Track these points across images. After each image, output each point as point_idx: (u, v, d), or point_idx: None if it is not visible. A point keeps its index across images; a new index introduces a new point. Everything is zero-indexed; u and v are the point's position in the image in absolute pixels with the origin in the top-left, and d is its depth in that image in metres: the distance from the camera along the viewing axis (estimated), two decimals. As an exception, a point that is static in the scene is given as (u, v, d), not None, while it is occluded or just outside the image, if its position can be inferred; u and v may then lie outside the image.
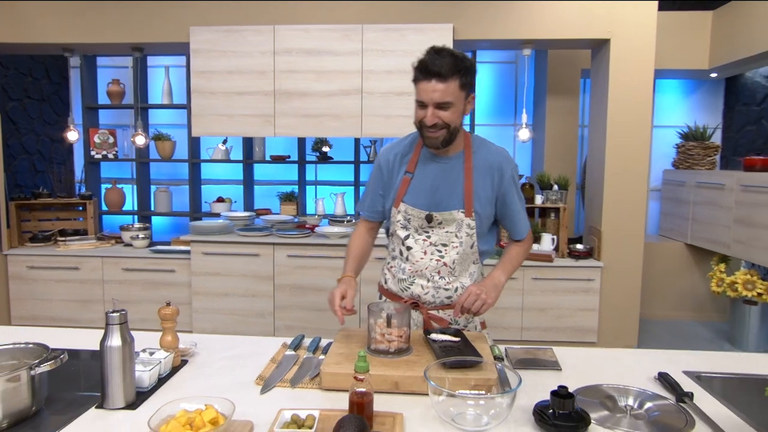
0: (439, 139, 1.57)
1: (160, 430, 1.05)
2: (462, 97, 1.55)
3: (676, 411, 1.27)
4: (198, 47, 3.54)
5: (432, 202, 1.67)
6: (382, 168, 1.74)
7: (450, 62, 1.49)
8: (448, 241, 1.68)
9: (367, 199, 1.80)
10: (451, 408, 1.21)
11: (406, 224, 1.69)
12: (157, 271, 3.63)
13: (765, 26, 3.63)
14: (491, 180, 1.67)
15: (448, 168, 1.67)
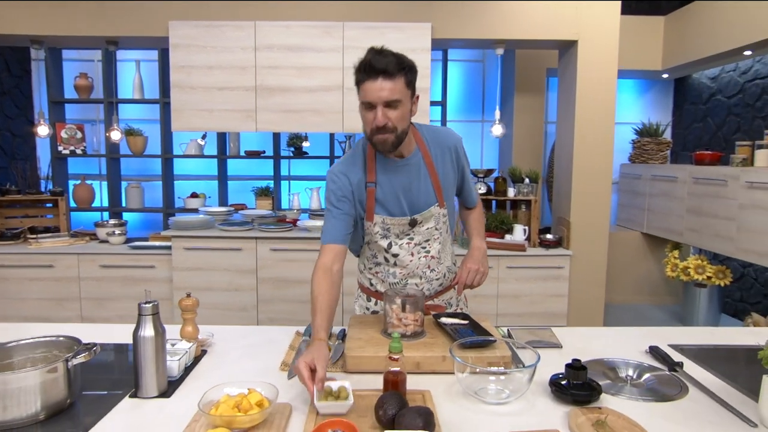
0: (388, 141, 1.49)
1: (211, 412, 1.08)
2: (408, 96, 1.50)
3: (670, 379, 1.39)
4: (177, 42, 3.47)
5: (406, 205, 1.63)
6: (337, 180, 1.61)
7: (394, 60, 1.45)
8: (430, 236, 1.69)
9: (328, 227, 1.60)
10: (474, 383, 1.29)
11: (385, 233, 1.66)
12: (136, 267, 3.55)
13: (712, 31, 3.89)
14: (450, 162, 1.68)
15: (409, 169, 1.62)
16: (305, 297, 3.51)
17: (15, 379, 1.11)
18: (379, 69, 1.42)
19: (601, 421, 1.13)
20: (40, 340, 1.26)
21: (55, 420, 1.15)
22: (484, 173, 3.98)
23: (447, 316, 1.63)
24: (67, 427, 1.13)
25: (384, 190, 1.62)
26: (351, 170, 1.62)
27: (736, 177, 3.50)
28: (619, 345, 1.63)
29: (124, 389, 1.29)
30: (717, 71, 4.43)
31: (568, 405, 1.23)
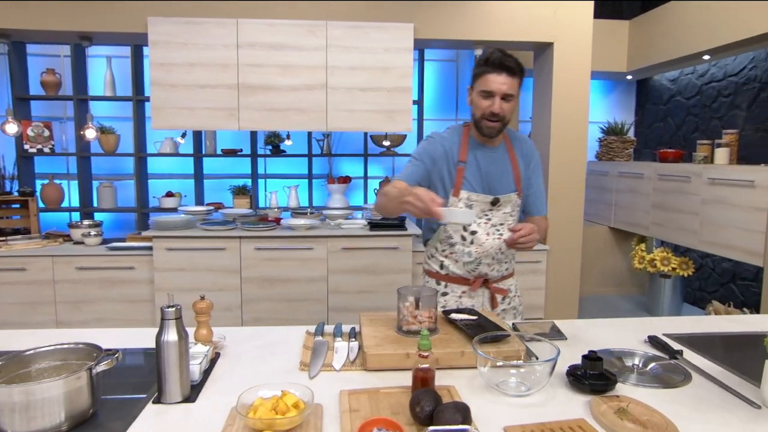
0: (495, 128, 1.75)
1: (249, 415, 1.06)
2: (518, 95, 1.77)
3: (674, 367, 1.45)
4: (157, 38, 3.35)
5: (489, 187, 1.83)
6: (437, 145, 1.82)
7: (515, 63, 1.71)
8: (504, 221, 1.86)
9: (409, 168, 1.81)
10: (494, 377, 1.31)
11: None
12: (114, 269, 3.42)
13: (673, 36, 4.07)
14: (526, 164, 1.90)
15: (496, 156, 1.85)
16: (290, 296, 3.47)
17: (39, 389, 1.05)
18: (506, 66, 1.68)
19: (623, 409, 1.17)
20: (58, 348, 1.21)
21: (79, 430, 1.11)
22: (462, 171, 4.03)
23: (456, 312, 1.66)
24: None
25: (472, 169, 1.82)
26: (449, 143, 1.83)
27: (698, 174, 3.68)
28: (620, 335, 1.69)
29: (145, 395, 1.25)
30: (676, 74, 4.64)
31: (586, 395, 1.27)
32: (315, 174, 4.66)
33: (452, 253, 1.90)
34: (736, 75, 3.97)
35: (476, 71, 1.75)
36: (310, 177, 4.56)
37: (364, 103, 3.51)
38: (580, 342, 1.63)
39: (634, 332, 1.71)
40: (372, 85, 3.48)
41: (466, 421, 1.05)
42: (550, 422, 1.14)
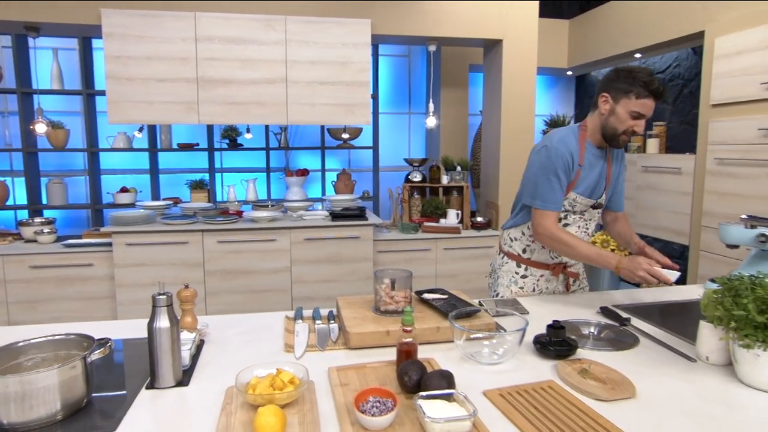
0: (624, 144, 1.84)
1: (248, 391, 1.10)
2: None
3: (624, 332, 1.60)
4: (111, 31, 3.23)
5: (593, 190, 1.89)
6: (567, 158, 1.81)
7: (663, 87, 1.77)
8: (592, 218, 1.97)
9: (551, 196, 1.82)
10: (469, 348, 1.41)
11: (570, 208, 1.90)
12: (71, 267, 3.29)
13: (608, 36, 4.32)
14: (617, 165, 1.97)
15: (602, 162, 1.91)
16: (253, 287, 3.46)
17: (35, 379, 1.05)
18: (659, 94, 1.73)
19: (585, 369, 1.29)
20: (49, 339, 1.19)
21: (73, 419, 1.10)
22: (419, 162, 4.13)
23: (428, 293, 1.74)
24: (88, 426, 1.08)
25: (585, 173, 1.87)
26: (573, 148, 1.85)
27: (633, 162, 3.94)
28: (574, 308, 1.83)
29: (136, 383, 1.26)
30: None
31: (552, 359, 1.38)
32: (273, 167, 4.63)
33: (536, 240, 1.96)
34: (662, 72, 4.27)
35: (633, 91, 1.72)
36: (268, 170, 4.53)
37: (324, 97, 3.54)
38: (540, 315, 1.75)
39: (587, 305, 1.86)
40: (331, 79, 3.51)
41: (450, 387, 1.13)
42: (524, 384, 1.24)
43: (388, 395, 1.08)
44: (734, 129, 3.05)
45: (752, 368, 1.22)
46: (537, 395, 1.19)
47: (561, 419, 1.08)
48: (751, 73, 2.93)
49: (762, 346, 1.19)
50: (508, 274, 2.07)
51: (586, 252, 1.79)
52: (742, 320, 1.22)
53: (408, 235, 3.80)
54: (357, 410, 1.03)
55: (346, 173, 4.55)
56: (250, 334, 1.59)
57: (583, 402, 1.15)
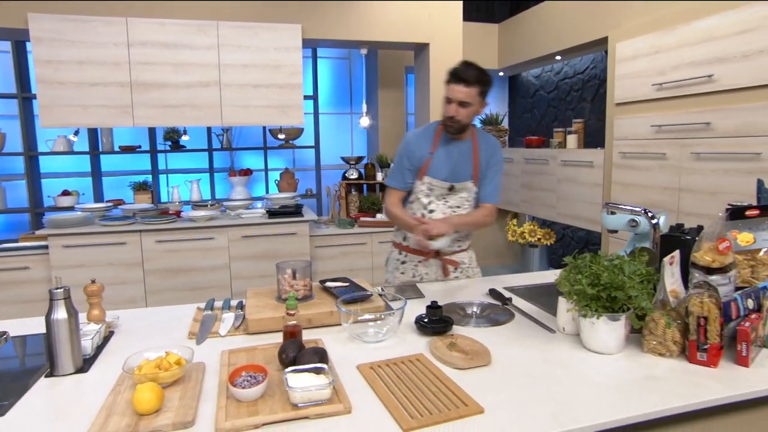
0: (453, 128, 1.98)
1: (135, 372, 1.18)
2: (478, 102, 1.95)
3: (503, 310, 1.75)
4: (40, 35, 3.20)
5: (451, 175, 2.05)
6: (411, 145, 2.06)
7: (475, 74, 1.90)
8: (460, 204, 2.10)
9: (398, 175, 2.11)
10: (357, 329, 1.53)
11: (429, 192, 2.07)
12: (7, 270, 3.26)
13: (531, 39, 4.53)
14: (486, 159, 2.10)
15: (461, 150, 2.06)
16: (193, 284, 3.50)
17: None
18: (461, 77, 1.89)
19: (452, 343, 1.43)
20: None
21: (-29, 405, 1.16)
22: (355, 160, 4.24)
23: (331, 281, 1.85)
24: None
25: (438, 159, 2.05)
26: (421, 138, 2.07)
27: (554, 157, 4.16)
28: (469, 291, 1.98)
29: (36, 373, 1.32)
30: (539, 71, 5.15)
31: (429, 336, 1.52)
32: (217, 168, 4.66)
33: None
34: (582, 73, 4.51)
35: (445, 80, 1.95)
36: (211, 171, 4.56)
37: (257, 99, 3.60)
38: (434, 298, 1.88)
39: (482, 287, 2.01)
40: (264, 81, 3.58)
41: (323, 361, 1.25)
42: (396, 358, 1.37)
43: (260, 370, 1.18)
44: (633, 126, 3.28)
45: (590, 335, 1.38)
46: (404, 366, 1.31)
47: (417, 385, 1.21)
48: (644, 76, 3.17)
49: (595, 314, 1.35)
50: (393, 262, 2.25)
51: (401, 222, 2.08)
52: (580, 293, 1.38)
53: (344, 230, 3.91)
54: (230, 384, 1.13)
55: (288, 172, 4.62)
56: (160, 325, 1.67)
57: (441, 371, 1.29)
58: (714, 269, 1.41)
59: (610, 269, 1.37)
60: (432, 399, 1.14)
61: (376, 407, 1.12)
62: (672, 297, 1.36)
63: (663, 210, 2.07)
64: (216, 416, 1.08)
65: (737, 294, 1.39)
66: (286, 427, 1.05)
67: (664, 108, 3.07)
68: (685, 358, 1.33)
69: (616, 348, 1.37)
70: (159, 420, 1.05)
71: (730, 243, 1.43)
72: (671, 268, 1.39)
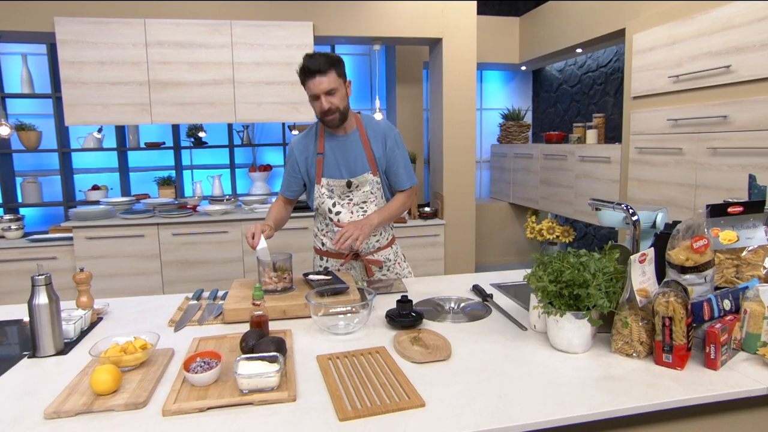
0: (336, 119, 1.89)
1: (101, 356, 1.25)
2: (341, 83, 1.87)
3: (481, 306, 1.74)
4: (65, 38, 3.38)
5: (346, 171, 1.98)
6: (295, 156, 2.02)
7: (323, 60, 1.81)
8: (366, 199, 2.02)
9: (285, 182, 2.09)
10: (328, 321, 1.55)
11: (330, 194, 2.00)
12: (36, 260, 3.47)
13: (553, 32, 4.42)
14: (382, 146, 2.01)
15: (349, 143, 1.99)
16: (208, 276, 3.63)
17: None
18: (314, 69, 1.80)
19: (416, 337, 1.43)
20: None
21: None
22: (370, 156, 4.27)
23: (314, 274, 1.89)
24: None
25: (329, 158, 1.99)
26: (304, 142, 2.03)
27: (572, 152, 4.05)
28: (453, 287, 1.97)
29: (20, 354, 1.41)
30: (562, 65, 5.02)
31: (398, 329, 1.53)
32: (239, 163, 4.79)
33: (328, 233, 2.09)
34: (605, 66, 4.37)
35: (300, 81, 1.86)
36: (232, 166, 4.68)
37: (269, 96, 3.68)
38: (417, 293, 1.89)
39: (467, 284, 2.00)
40: (276, 79, 3.65)
41: (280, 351, 1.28)
42: (357, 350, 1.39)
43: (215, 357, 1.23)
44: (650, 120, 3.16)
45: (555, 333, 1.36)
46: (362, 358, 1.33)
47: (368, 377, 1.22)
48: (661, 67, 3.04)
49: (558, 312, 1.32)
50: (315, 268, 2.20)
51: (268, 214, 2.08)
52: (543, 290, 1.36)
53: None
54: (184, 370, 1.18)
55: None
56: (147, 313, 1.74)
57: (398, 364, 1.30)
58: (688, 268, 1.36)
59: (576, 266, 1.34)
60: (378, 391, 1.15)
61: (322, 397, 1.14)
62: (641, 296, 1.32)
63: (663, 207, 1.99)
64: (167, 398, 1.13)
65: (711, 295, 1.34)
66: (230, 412, 1.09)
67: (680, 101, 2.95)
68: (652, 360, 1.29)
69: (582, 347, 1.34)
70: (113, 400, 1.11)
71: (708, 241, 1.37)
72: (642, 266, 1.34)
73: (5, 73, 4.27)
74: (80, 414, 1.09)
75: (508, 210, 5.20)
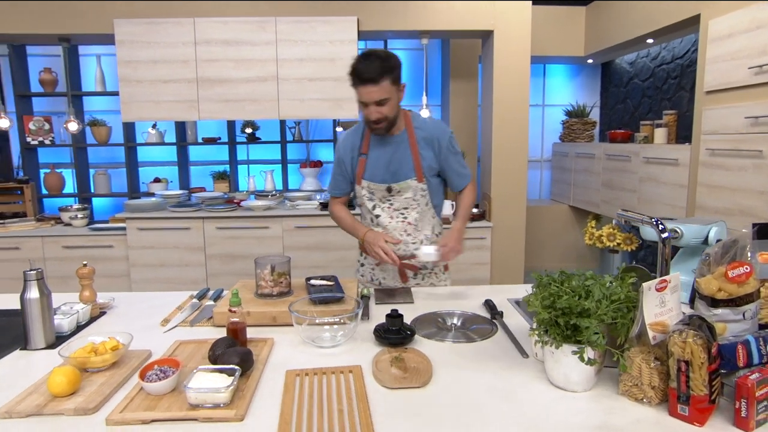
0: (382, 129, 1.80)
1: (70, 355, 1.25)
2: (394, 91, 1.75)
3: (488, 324, 1.57)
4: (123, 38, 3.56)
5: (388, 175, 1.88)
6: (341, 154, 1.95)
7: (378, 66, 1.67)
8: (407, 205, 1.92)
9: (333, 183, 2.03)
10: (313, 333, 1.46)
11: (371, 196, 1.93)
12: (96, 247, 3.69)
13: (621, 21, 4.02)
14: (432, 150, 1.89)
15: (396, 146, 1.88)
16: (250, 271, 3.65)
17: None
18: (365, 78, 1.68)
19: (397, 357, 1.31)
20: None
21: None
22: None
23: (317, 278, 1.80)
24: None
25: (371, 160, 1.89)
26: (351, 140, 1.94)
27: (637, 153, 3.68)
28: (465, 301, 1.81)
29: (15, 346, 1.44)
30: (634, 57, 4.57)
31: (386, 346, 1.41)
32: (292, 159, 4.83)
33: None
34: (681, 57, 3.91)
35: (351, 82, 1.75)
36: (284, 162, 4.74)
37: (312, 92, 3.65)
38: (423, 305, 1.75)
39: (481, 297, 1.82)
40: (319, 75, 3.62)
41: (245, 364, 1.21)
42: (330, 367, 1.28)
43: (174, 365, 1.18)
44: (724, 117, 2.76)
45: (552, 366, 1.18)
46: (333, 377, 1.23)
47: (329, 400, 1.12)
48: (740, 57, 2.64)
49: (553, 343, 1.14)
50: (356, 264, 2.15)
51: (344, 224, 2.02)
52: (538, 317, 1.18)
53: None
54: (139, 378, 1.14)
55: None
56: (148, 310, 1.75)
57: (367, 388, 1.18)
58: (720, 301, 1.12)
59: (578, 291, 1.15)
60: (331, 419, 1.05)
61: (271, 419, 1.06)
62: (656, 331, 1.11)
63: (720, 220, 1.70)
64: (116, 407, 1.09)
65: (750, 335, 1.09)
66: (174, 427, 1.03)
67: (762, 95, 2.54)
68: (666, 409, 1.07)
69: (582, 385, 1.15)
70: (65, 404, 1.09)
71: (750, 269, 1.12)
72: (660, 294, 1.13)
73: (84, 73, 4.59)
74: (31, 416, 1.08)
75: (568, 213, 4.85)
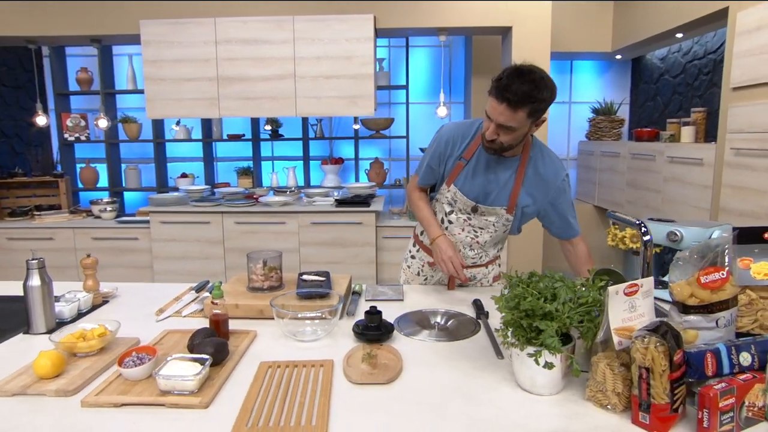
0: (491, 149, 1.61)
1: (60, 340, 1.33)
2: (527, 124, 1.52)
3: (471, 323, 1.57)
4: (148, 39, 3.70)
5: (481, 193, 1.72)
6: (442, 143, 1.75)
7: (524, 92, 1.43)
8: (485, 226, 1.79)
9: (422, 170, 1.86)
10: (294, 327, 1.50)
11: (452, 202, 1.79)
12: (122, 239, 3.86)
13: (651, 15, 3.87)
14: (540, 191, 1.71)
15: (503, 167, 1.69)
16: (267, 264, 3.76)
17: None
18: (506, 97, 1.45)
19: (369, 353, 1.32)
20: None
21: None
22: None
23: (308, 275, 1.84)
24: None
25: (470, 171, 1.72)
26: (460, 136, 1.74)
27: (662, 152, 3.55)
28: (455, 300, 1.80)
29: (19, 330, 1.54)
30: (665, 52, 4.40)
31: (364, 342, 1.43)
32: (315, 156, 4.90)
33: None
34: (714, 52, 3.74)
35: (489, 89, 1.53)
36: (306, 159, 4.81)
37: (328, 90, 3.69)
38: (411, 303, 1.76)
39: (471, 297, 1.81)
40: (336, 73, 3.65)
41: (219, 355, 1.26)
42: (303, 360, 1.32)
43: (150, 352, 1.24)
44: (752, 115, 2.63)
45: (518, 369, 1.17)
46: (303, 370, 1.26)
47: (293, 392, 1.15)
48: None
49: (518, 345, 1.13)
50: (406, 253, 2.11)
51: (421, 215, 1.87)
52: (503, 318, 1.17)
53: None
54: (117, 364, 1.20)
55: (378, 162, 4.67)
56: (151, 300, 1.83)
57: (332, 383, 1.20)
58: (691, 307, 1.09)
59: (545, 293, 1.14)
60: (291, 410, 1.08)
61: (233, 408, 1.10)
62: (622, 337, 1.08)
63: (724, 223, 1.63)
64: (93, 390, 1.15)
65: (721, 344, 1.05)
66: (142, 411, 1.09)
67: (790, 93, 2.41)
68: (630, 417, 1.05)
69: (548, 388, 1.14)
70: (48, 385, 1.17)
71: (725, 275, 1.08)
72: (629, 299, 1.10)
73: (118, 72, 4.80)
74: (16, 395, 1.15)
75: (593, 213, 4.72)
